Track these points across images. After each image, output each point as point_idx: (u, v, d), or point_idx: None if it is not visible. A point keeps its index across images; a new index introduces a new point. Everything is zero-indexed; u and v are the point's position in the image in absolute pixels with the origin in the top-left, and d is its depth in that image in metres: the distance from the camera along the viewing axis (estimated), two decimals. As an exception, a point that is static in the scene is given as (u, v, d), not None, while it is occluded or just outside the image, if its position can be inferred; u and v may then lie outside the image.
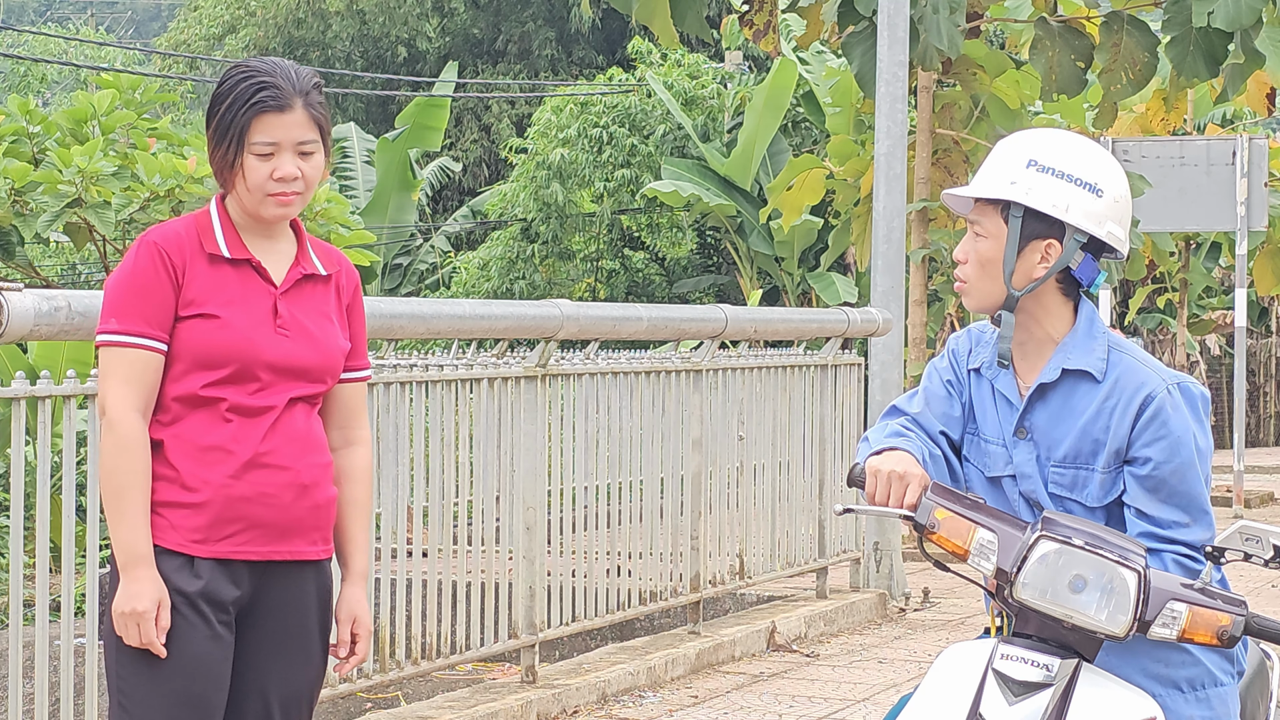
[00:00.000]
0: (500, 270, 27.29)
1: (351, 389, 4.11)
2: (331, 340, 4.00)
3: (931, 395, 4.03)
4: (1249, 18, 13.01)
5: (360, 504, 4.11)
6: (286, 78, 3.92)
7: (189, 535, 3.86)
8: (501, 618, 7.85)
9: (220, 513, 3.86)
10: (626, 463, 8.87)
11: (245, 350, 3.88)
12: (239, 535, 3.88)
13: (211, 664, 3.89)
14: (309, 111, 3.92)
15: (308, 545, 3.98)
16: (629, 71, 28.94)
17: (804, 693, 8.49)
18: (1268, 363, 31.91)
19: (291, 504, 3.92)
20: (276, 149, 3.90)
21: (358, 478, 4.10)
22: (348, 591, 4.11)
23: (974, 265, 3.89)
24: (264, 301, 3.93)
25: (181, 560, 3.86)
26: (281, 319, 3.93)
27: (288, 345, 3.93)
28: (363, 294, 4.17)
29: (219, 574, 3.88)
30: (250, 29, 35.09)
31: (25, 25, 51.24)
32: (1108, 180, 3.85)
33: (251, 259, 3.94)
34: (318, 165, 3.97)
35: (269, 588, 3.95)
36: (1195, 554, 3.78)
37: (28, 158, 9.45)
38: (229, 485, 3.86)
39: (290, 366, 3.92)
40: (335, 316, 4.04)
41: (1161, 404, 3.80)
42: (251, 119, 3.89)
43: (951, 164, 14.43)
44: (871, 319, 10.74)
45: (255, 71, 3.92)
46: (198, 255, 3.92)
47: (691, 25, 14.23)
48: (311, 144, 3.93)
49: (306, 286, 4.00)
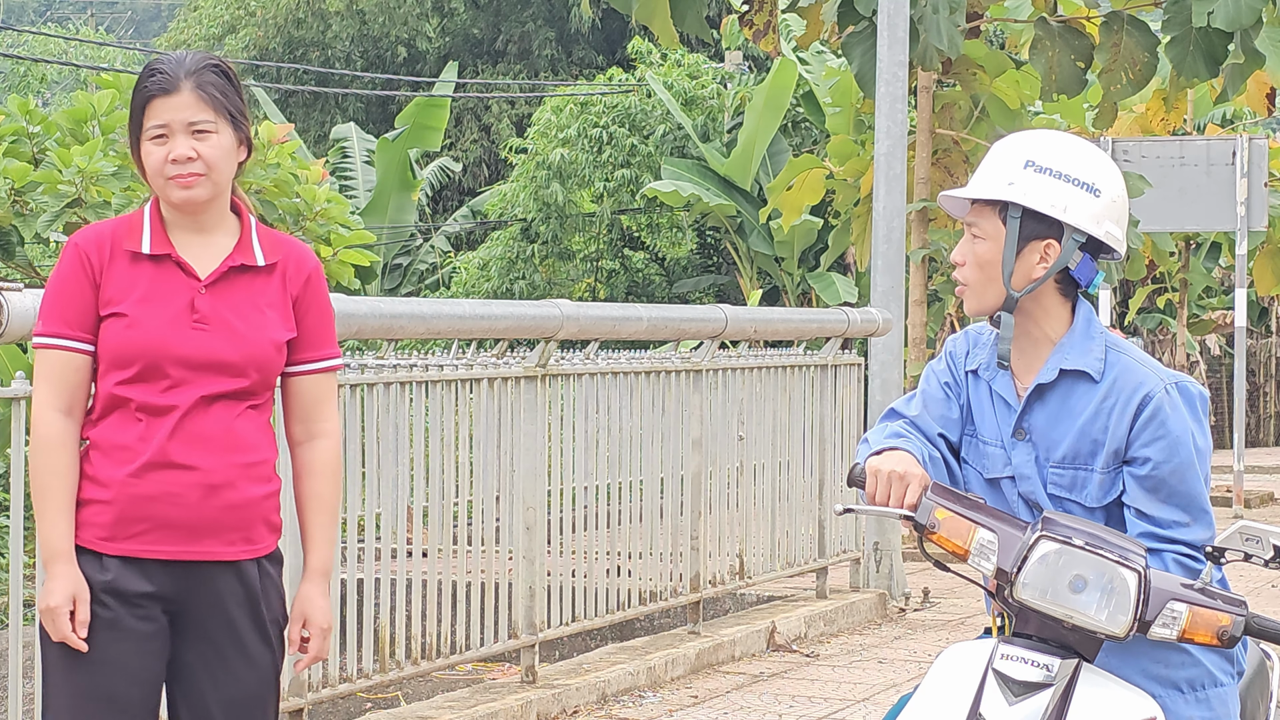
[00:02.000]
0: (500, 270, 27.29)
1: (311, 381, 4.06)
2: (259, 333, 3.94)
3: (929, 398, 4.03)
4: (1249, 18, 13.01)
5: (320, 498, 4.04)
6: (177, 62, 3.93)
7: (97, 532, 3.88)
8: (501, 618, 7.85)
9: (124, 511, 3.86)
10: (626, 463, 8.87)
11: (152, 348, 3.87)
12: (146, 534, 3.87)
13: (123, 659, 3.88)
14: (198, 92, 3.90)
15: (223, 546, 3.91)
16: (629, 71, 28.93)
17: (804, 693, 8.49)
18: (1268, 363, 31.91)
19: (199, 504, 3.87)
20: (168, 130, 3.89)
21: (318, 471, 4.05)
22: (302, 589, 4.03)
23: (972, 267, 3.89)
24: (181, 297, 3.91)
25: (91, 557, 3.88)
26: (199, 314, 3.90)
27: (203, 340, 3.89)
28: (324, 281, 4.10)
29: (128, 571, 3.87)
30: (250, 29, 35.07)
31: (25, 25, 51.25)
32: (1105, 180, 3.85)
33: (172, 254, 3.93)
34: (219, 145, 3.92)
35: (192, 590, 3.92)
36: (1195, 554, 3.78)
37: (28, 158, 9.44)
38: (131, 484, 3.86)
39: (205, 361, 3.88)
40: (273, 308, 3.98)
41: (1160, 404, 3.80)
42: (143, 105, 3.91)
43: (951, 164, 14.42)
44: (871, 319, 10.74)
45: (153, 62, 3.97)
46: (119, 254, 3.93)
47: (691, 25, 14.23)
48: (205, 123, 3.90)
49: (240, 278, 3.96)
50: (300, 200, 9.81)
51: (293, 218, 9.82)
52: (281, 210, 9.77)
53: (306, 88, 34.01)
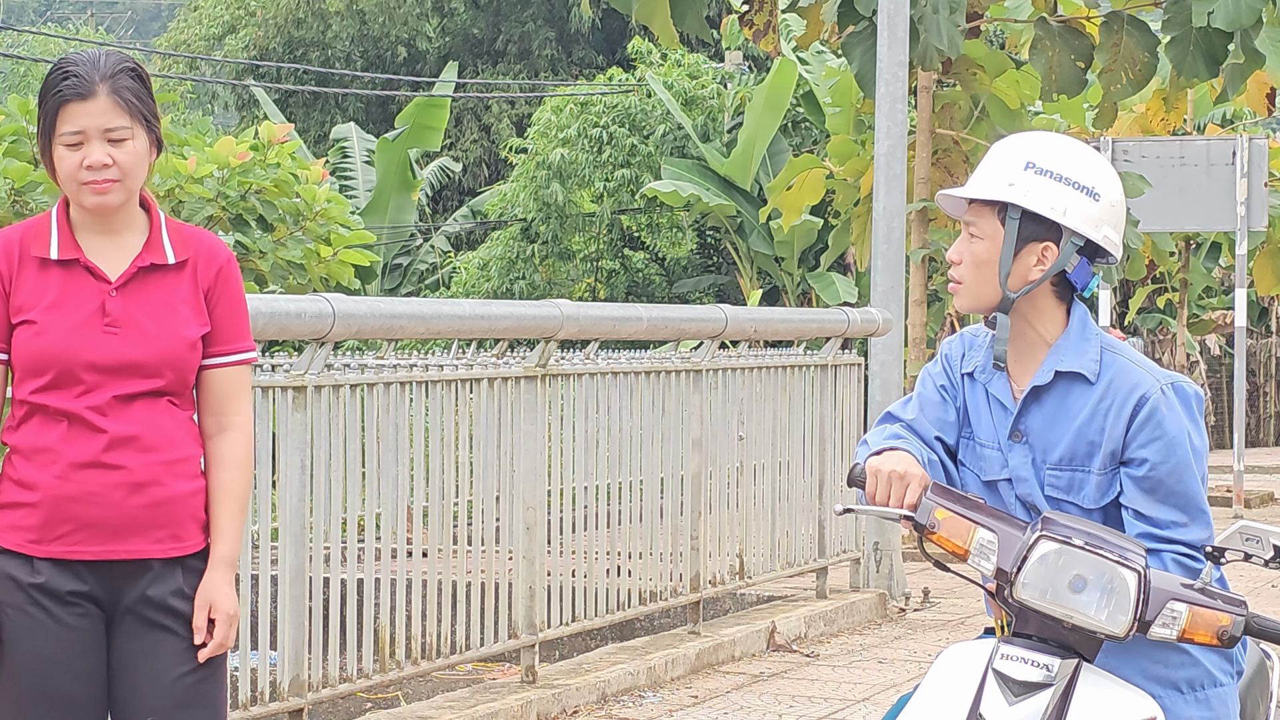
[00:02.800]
0: (500, 270, 27.28)
1: (222, 374, 4.02)
2: (171, 332, 3.92)
3: (925, 401, 4.03)
4: (1249, 18, 13.01)
5: (227, 488, 4.00)
6: (91, 65, 3.88)
7: (25, 535, 3.88)
8: (501, 618, 7.85)
9: (51, 513, 3.86)
10: (626, 463, 8.87)
11: (62, 355, 3.86)
12: (71, 535, 3.87)
13: (61, 656, 3.88)
14: (114, 98, 3.86)
15: (151, 544, 3.90)
16: (629, 71, 28.93)
17: (804, 693, 8.49)
18: (1268, 363, 31.92)
19: (122, 502, 3.86)
20: (84, 137, 3.86)
21: (226, 463, 4.01)
22: (207, 577, 3.98)
23: (969, 266, 3.88)
24: (91, 301, 3.89)
25: (21, 560, 3.88)
26: (110, 317, 3.89)
27: (114, 343, 3.87)
28: (237, 274, 4.06)
29: (58, 572, 3.88)
30: (250, 29, 35.07)
31: (25, 25, 51.25)
32: (1104, 184, 3.85)
33: (80, 258, 3.91)
34: (134, 151, 3.89)
35: (123, 588, 3.91)
36: (1195, 553, 3.78)
37: (28, 158, 9.45)
38: (57, 485, 3.85)
39: (117, 364, 3.87)
40: (185, 305, 3.96)
41: (1156, 404, 3.80)
42: (57, 109, 3.88)
43: (951, 164, 14.42)
44: (871, 319, 10.74)
45: (65, 63, 3.91)
46: (28, 261, 3.92)
47: (691, 25, 14.24)
48: (121, 130, 3.87)
49: (150, 278, 3.94)
50: (300, 200, 9.82)
51: (293, 218, 9.83)
52: (281, 210, 9.78)
53: (306, 88, 34.01)
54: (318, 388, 6.64)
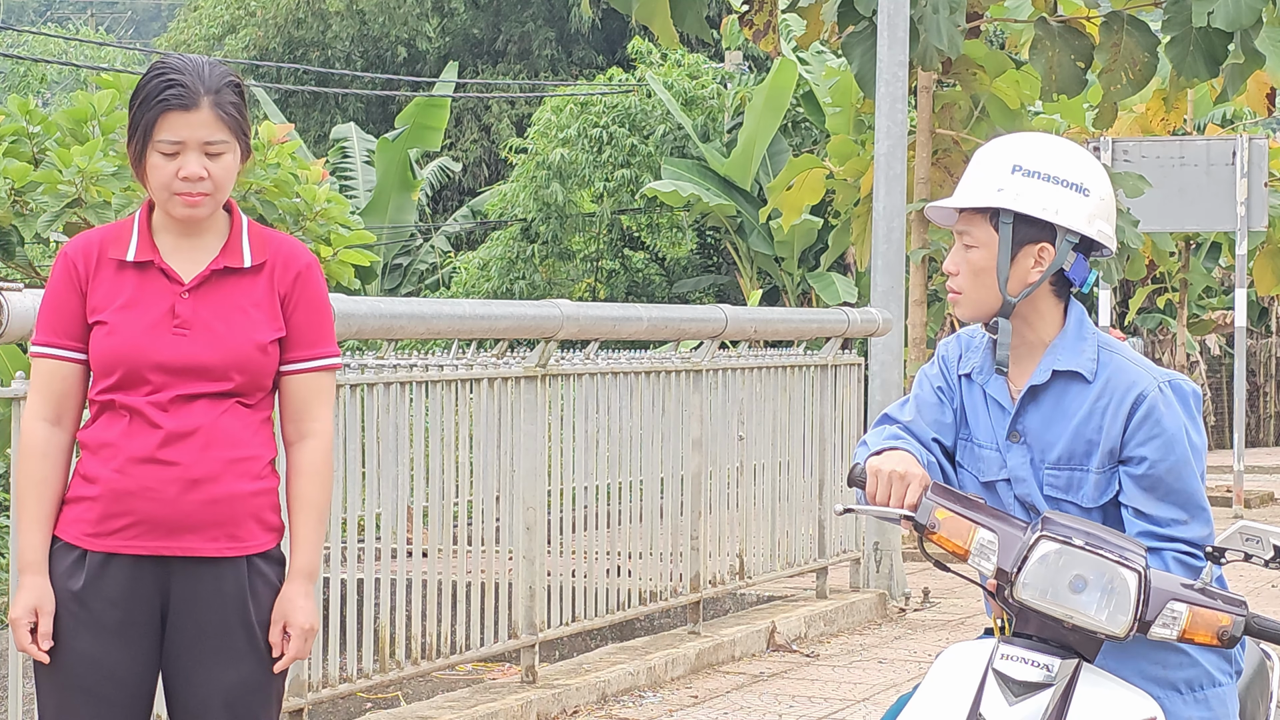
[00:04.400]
0: (500, 270, 27.29)
1: (300, 380, 4.01)
2: (241, 335, 3.92)
3: (923, 402, 4.03)
4: (1249, 18, 13.01)
5: (305, 499, 3.99)
6: (196, 75, 3.88)
7: (84, 528, 3.90)
8: (501, 618, 7.84)
9: (108, 507, 3.87)
10: (626, 463, 8.87)
11: (131, 355, 3.87)
12: (127, 530, 3.87)
13: (102, 656, 3.89)
14: (217, 111, 3.87)
15: (206, 543, 3.89)
16: (629, 71, 28.93)
17: (804, 693, 8.49)
18: (1268, 363, 31.91)
19: (177, 499, 3.86)
20: (182, 148, 3.87)
21: (303, 471, 4.00)
22: (284, 589, 3.98)
23: (967, 275, 3.88)
24: (162, 303, 3.91)
25: (75, 556, 3.90)
26: (180, 319, 3.90)
27: (183, 345, 3.88)
28: (318, 280, 4.04)
29: (112, 568, 3.88)
30: (250, 29, 35.07)
31: (25, 25, 51.25)
32: (1092, 179, 3.85)
33: (155, 260, 3.92)
34: (227, 166, 3.91)
35: (178, 587, 3.91)
36: (1195, 551, 3.78)
37: (28, 158, 9.44)
38: (115, 479, 3.87)
39: (185, 366, 3.88)
40: (259, 308, 3.95)
41: (1154, 403, 3.80)
42: (157, 117, 3.87)
43: (951, 164, 14.42)
44: (871, 319, 10.74)
45: (167, 69, 3.90)
46: (105, 262, 3.94)
47: (691, 25, 14.24)
48: (220, 144, 3.88)
49: (224, 280, 3.94)
50: (300, 200, 9.81)
51: (293, 218, 9.82)
52: (281, 210, 9.77)
53: (306, 88, 34.01)
54: (318, 388, 6.63)
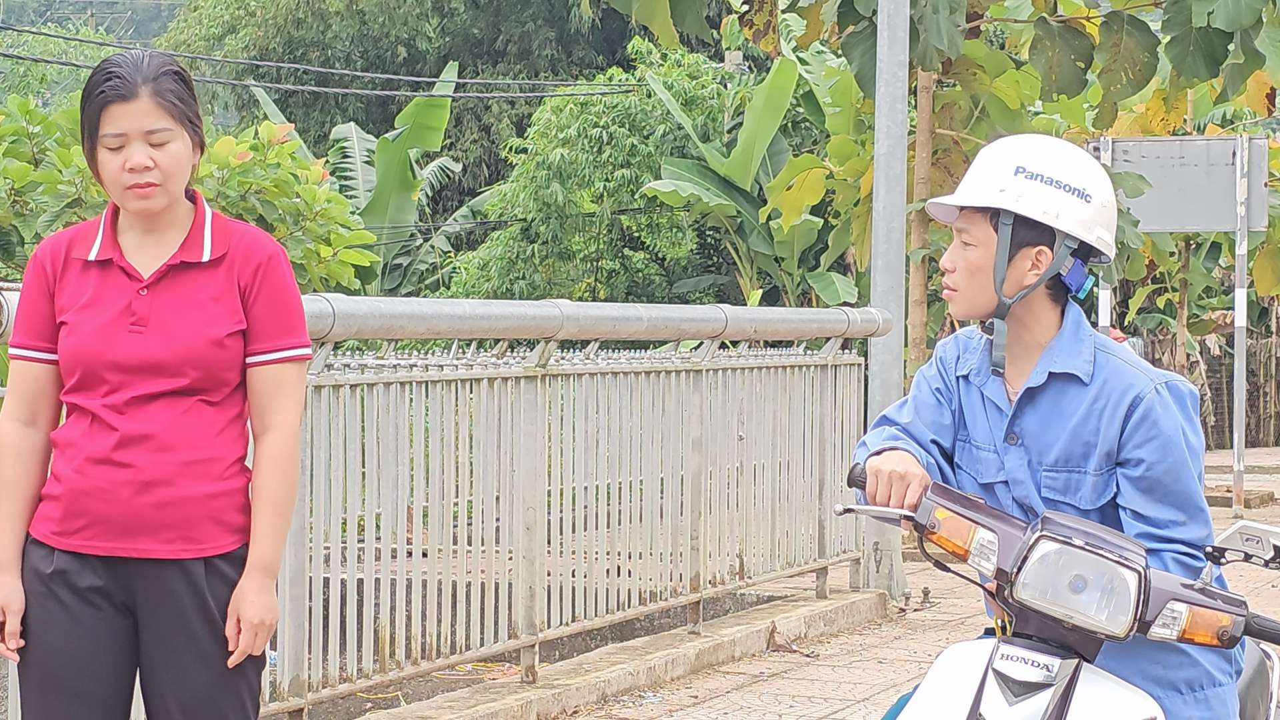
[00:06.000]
0: (500, 270, 27.28)
1: (261, 372, 3.96)
2: (195, 329, 3.89)
3: (921, 404, 4.03)
4: (1249, 18, 13.01)
5: (264, 492, 3.95)
6: (134, 66, 3.87)
7: (50, 526, 3.92)
8: (501, 618, 7.85)
9: (69, 506, 3.89)
10: (626, 463, 8.87)
11: (87, 355, 3.88)
12: (86, 530, 3.88)
13: (75, 652, 3.89)
14: (156, 99, 3.85)
15: (161, 545, 3.88)
16: (629, 71, 28.92)
17: (804, 693, 8.49)
18: (1268, 363, 31.92)
19: (129, 501, 3.85)
20: (125, 139, 3.86)
21: (263, 465, 3.96)
22: (240, 583, 3.94)
23: (963, 273, 3.88)
24: (120, 301, 3.90)
25: (45, 550, 3.93)
26: (136, 316, 3.89)
27: (138, 343, 3.87)
28: (281, 270, 3.98)
29: (76, 566, 3.90)
30: (250, 29, 35.06)
31: (25, 25, 51.26)
32: (1095, 185, 3.85)
33: (115, 258, 3.92)
34: (175, 155, 3.88)
35: (140, 588, 3.91)
36: (1194, 552, 3.78)
37: (28, 158, 9.44)
38: (74, 479, 3.88)
39: (139, 364, 3.87)
40: (219, 302, 3.93)
41: (1151, 404, 3.80)
42: (99, 111, 3.87)
43: (951, 164, 14.42)
44: (871, 319, 10.74)
45: (108, 64, 3.91)
46: (71, 263, 3.95)
47: (691, 25, 14.24)
48: (162, 132, 3.86)
49: (183, 275, 3.93)
50: (300, 200, 9.81)
51: (293, 218, 9.82)
52: (281, 210, 9.77)
53: (306, 88, 34.01)
54: (318, 388, 6.64)
